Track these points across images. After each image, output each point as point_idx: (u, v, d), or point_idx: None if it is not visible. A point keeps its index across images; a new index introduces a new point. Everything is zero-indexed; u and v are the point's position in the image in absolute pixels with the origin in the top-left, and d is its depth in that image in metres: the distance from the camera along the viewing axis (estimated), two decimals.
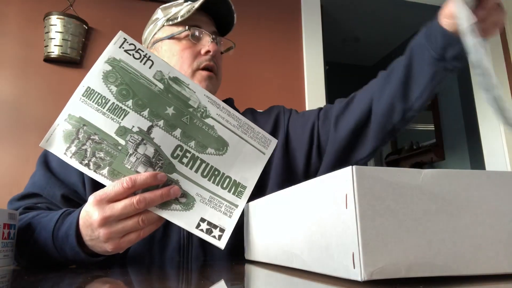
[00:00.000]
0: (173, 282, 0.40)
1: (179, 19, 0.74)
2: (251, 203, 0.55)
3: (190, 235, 0.68)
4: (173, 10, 0.77)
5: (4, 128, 1.40)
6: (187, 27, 0.74)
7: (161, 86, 0.50)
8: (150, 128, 0.49)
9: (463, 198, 0.30)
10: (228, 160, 0.52)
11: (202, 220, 0.50)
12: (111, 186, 0.47)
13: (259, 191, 0.64)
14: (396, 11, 3.11)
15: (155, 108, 0.49)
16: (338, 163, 0.73)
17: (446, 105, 3.27)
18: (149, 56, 0.50)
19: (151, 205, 0.48)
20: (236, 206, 0.52)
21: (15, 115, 1.42)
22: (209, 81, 0.74)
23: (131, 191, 0.47)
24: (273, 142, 0.55)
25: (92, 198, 0.48)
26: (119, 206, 0.47)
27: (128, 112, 0.48)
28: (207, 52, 0.74)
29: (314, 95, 1.72)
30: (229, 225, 0.51)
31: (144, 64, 0.49)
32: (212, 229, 0.50)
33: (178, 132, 0.50)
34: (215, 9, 0.77)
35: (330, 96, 1.93)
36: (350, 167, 0.29)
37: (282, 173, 0.74)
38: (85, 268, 0.51)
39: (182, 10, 0.76)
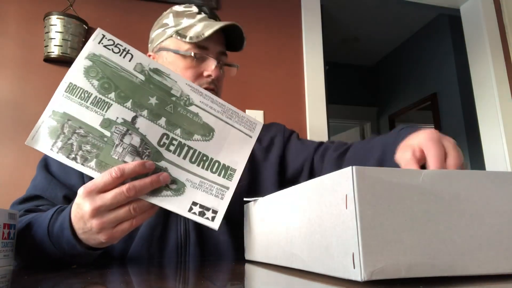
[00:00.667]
0: (173, 282, 0.40)
1: (187, 40, 0.74)
2: (251, 203, 0.55)
3: (187, 234, 0.68)
4: (184, 22, 0.76)
5: (4, 128, 1.40)
6: (193, 52, 0.74)
7: (142, 77, 0.51)
8: (134, 118, 0.50)
9: (463, 198, 0.30)
10: (215, 145, 0.53)
11: (194, 203, 0.50)
12: (100, 177, 0.47)
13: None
14: (396, 11, 3.11)
15: (138, 99, 0.50)
16: None
17: (446, 105, 3.27)
18: (128, 50, 0.51)
19: (141, 193, 0.48)
20: (227, 188, 0.52)
21: (15, 115, 1.42)
22: None
23: (120, 181, 0.47)
24: (259, 125, 0.56)
25: (82, 190, 0.47)
26: (109, 195, 0.47)
27: (111, 104, 0.49)
28: (209, 75, 0.75)
29: (314, 95, 1.72)
30: (222, 207, 0.51)
31: (123, 57, 0.50)
32: (205, 211, 0.50)
33: (162, 121, 0.51)
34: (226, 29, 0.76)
35: (330, 96, 1.93)
36: (350, 167, 0.29)
37: (274, 186, 0.77)
38: (85, 268, 0.51)
39: (192, 29, 0.75)
